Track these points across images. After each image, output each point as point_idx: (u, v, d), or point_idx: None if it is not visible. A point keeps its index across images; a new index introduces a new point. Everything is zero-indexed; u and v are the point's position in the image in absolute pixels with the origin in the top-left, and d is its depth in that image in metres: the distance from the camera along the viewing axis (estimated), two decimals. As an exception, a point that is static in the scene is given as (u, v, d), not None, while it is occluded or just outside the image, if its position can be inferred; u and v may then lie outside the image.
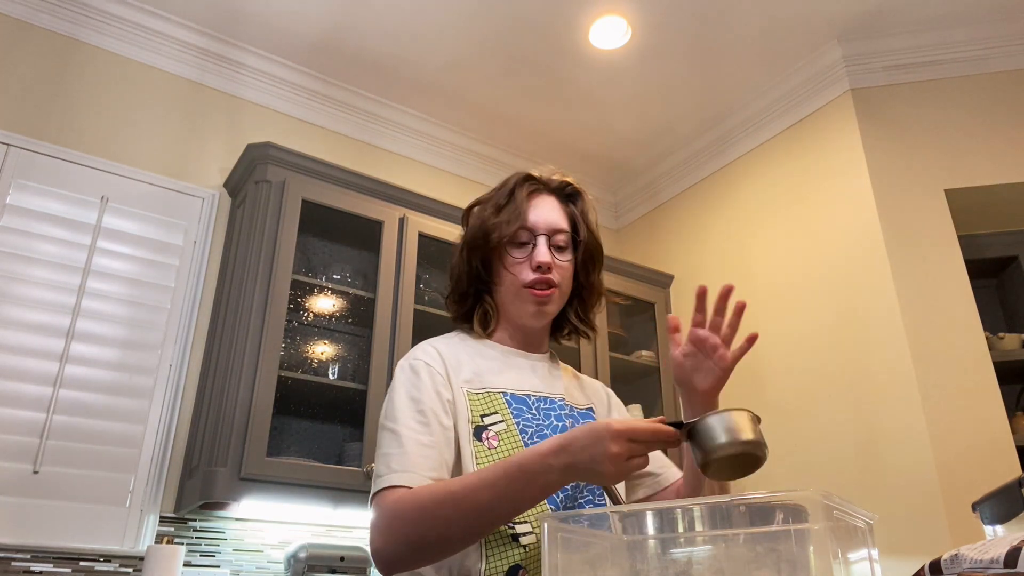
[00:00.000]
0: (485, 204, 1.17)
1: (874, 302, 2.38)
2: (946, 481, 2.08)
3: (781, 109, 2.86)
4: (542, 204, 1.15)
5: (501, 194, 1.15)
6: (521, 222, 1.11)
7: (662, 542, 0.68)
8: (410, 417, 1.01)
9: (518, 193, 1.14)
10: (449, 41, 2.67)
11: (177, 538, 2.10)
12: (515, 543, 0.96)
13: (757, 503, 0.63)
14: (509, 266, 1.12)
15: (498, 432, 1.03)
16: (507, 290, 1.13)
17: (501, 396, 1.07)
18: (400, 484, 0.94)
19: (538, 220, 1.12)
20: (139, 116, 2.48)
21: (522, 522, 0.97)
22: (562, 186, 1.20)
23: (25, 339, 2.05)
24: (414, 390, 1.04)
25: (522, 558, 0.95)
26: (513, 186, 1.15)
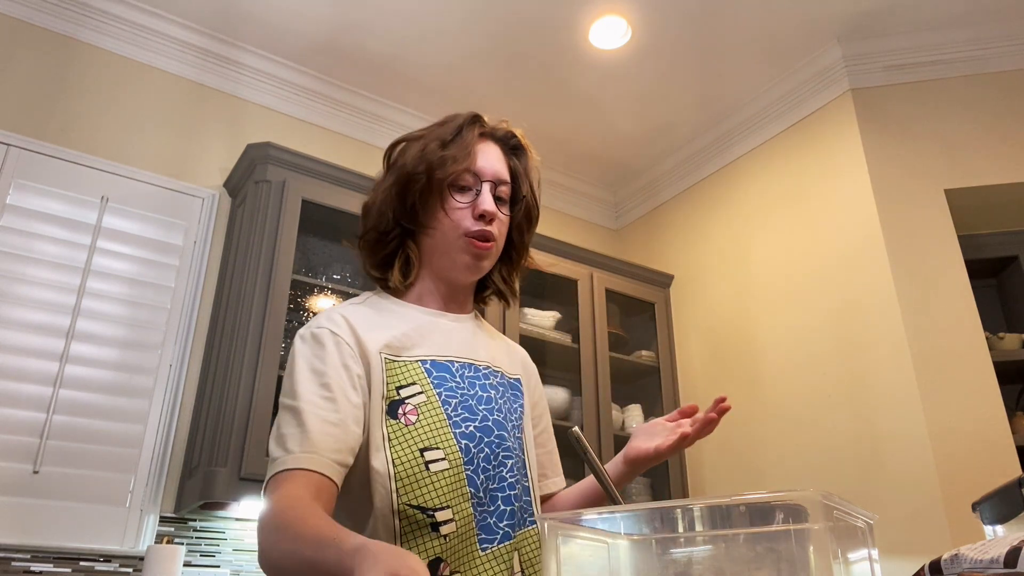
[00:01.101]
0: (424, 139, 1.04)
1: (874, 302, 2.38)
2: (946, 481, 2.08)
3: (781, 109, 2.86)
4: (488, 151, 1.05)
5: (446, 130, 1.03)
6: (468, 163, 1.01)
7: (662, 542, 0.68)
8: (313, 392, 0.90)
9: (467, 133, 1.03)
10: (449, 41, 2.67)
11: (177, 538, 2.10)
12: (434, 533, 0.87)
13: (757, 503, 0.63)
14: (449, 210, 1.00)
15: (416, 405, 0.93)
16: (441, 237, 1.01)
17: (419, 365, 0.97)
18: (300, 467, 0.84)
19: (485, 166, 1.02)
20: (139, 116, 2.48)
21: (442, 508, 0.88)
22: (508, 136, 1.10)
23: (25, 339, 2.05)
24: (317, 361, 0.92)
25: (442, 550, 0.87)
26: (462, 124, 1.04)
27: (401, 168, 1.02)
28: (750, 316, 2.81)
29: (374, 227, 1.04)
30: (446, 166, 0.99)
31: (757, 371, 2.72)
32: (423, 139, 1.04)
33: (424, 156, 1.00)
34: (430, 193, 1.00)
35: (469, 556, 0.90)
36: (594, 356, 2.76)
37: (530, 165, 1.10)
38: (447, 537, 0.88)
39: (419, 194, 1.00)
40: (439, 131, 1.04)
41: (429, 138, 1.03)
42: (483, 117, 1.08)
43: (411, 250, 1.04)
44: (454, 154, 1.00)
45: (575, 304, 2.84)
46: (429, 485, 0.89)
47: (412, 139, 1.06)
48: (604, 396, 2.71)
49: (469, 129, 1.04)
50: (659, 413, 2.91)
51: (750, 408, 2.72)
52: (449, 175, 0.99)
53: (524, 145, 1.11)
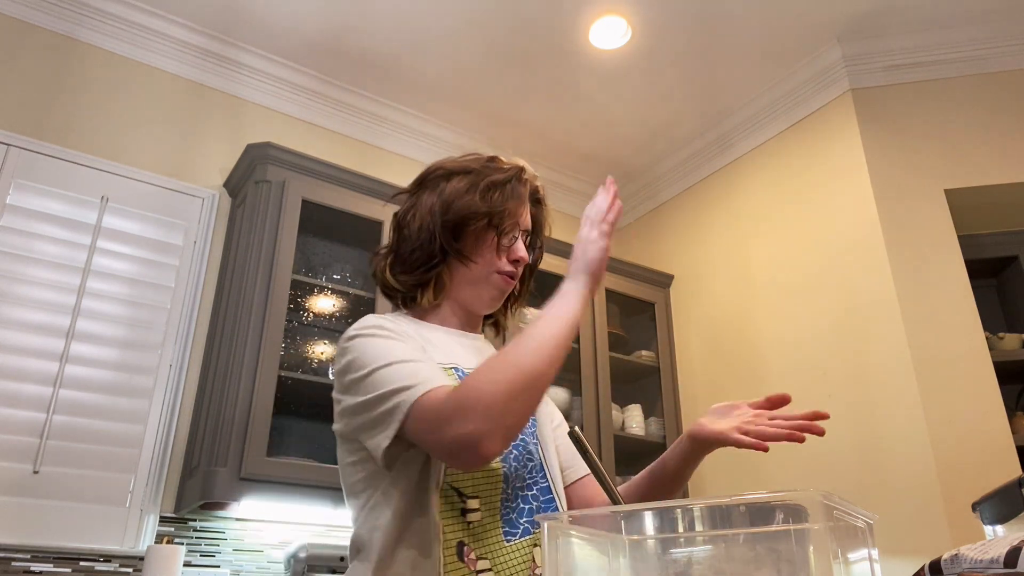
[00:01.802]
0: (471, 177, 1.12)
1: (874, 302, 2.38)
2: (946, 481, 2.08)
3: (781, 109, 2.86)
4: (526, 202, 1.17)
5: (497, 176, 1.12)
6: (517, 219, 1.13)
7: (662, 542, 0.68)
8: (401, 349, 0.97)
9: (519, 188, 1.13)
10: (449, 41, 2.67)
11: (177, 538, 2.10)
12: (462, 517, 0.95)
13: (757, 503, 0.63)
14: (487, 249, 1.11)
15: None
16: (477, 270, 1.11)
17: (453, 371, 1.05)
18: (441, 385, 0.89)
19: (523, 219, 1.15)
20: (139, 116, 2.48)
21: (473, 496, 0.96)
22: (535, 191, 1.20)
23: (25, 339, 2.05)
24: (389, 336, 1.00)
25: (466, 534, 0.94)
26: (512, 177, 1.13)
27: (453, 201, 1.10)
28: (750, 316, 2.81)
29: (420, 249, 1.10)
30: (504, 218, 1.10)
31: (757, 371, 2.72)
32: (472, 175, 1.12)
33: (487, 200, 1.09)
34: (482, 233, 1.11)
35: (496, 545, 0.96)
36: (594, 356, 2.76)
37: (547, 217, 1.21)
38: (472, 524, 0.95)
39: (473, 233, 1.10)
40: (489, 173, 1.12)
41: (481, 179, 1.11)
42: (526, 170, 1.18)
43: (444, 275, 1.12)
44: (512, 208, 1.11)
45: (575, 304, 2.83)
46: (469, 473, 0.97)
47: (458, 172, 1.13)
48: (604, 396, 2.71)
49: (520, 184, 1.14)
50: (659, 413, 2.91)
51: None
52: (507, 224, 1.11)
53: (544, 199, 1.22)
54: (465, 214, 1.09)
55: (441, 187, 1.12)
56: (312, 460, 2.13)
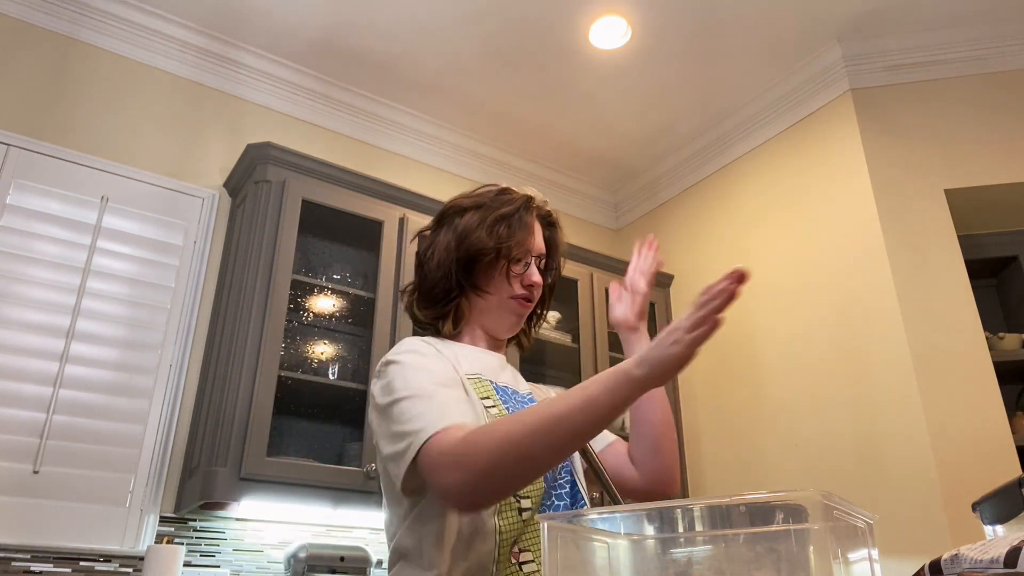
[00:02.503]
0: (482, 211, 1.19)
1: (874, 302, 2.38)
2: (946, 481, 2.08)
3: (781, 109, 2.86)
4: (536, 229, 1.23)
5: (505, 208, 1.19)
6: (528, 247, 1.19)
7: (662, 542, 0.68)
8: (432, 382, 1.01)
9: (526, 216, 1.20)
10: (449, 41, 2.67)
11: (177, 538, 2.10)
12: (520, 516, 1.00)
13: (757, 503, 0.63)
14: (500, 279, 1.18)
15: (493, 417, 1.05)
16: (494, 299, 1.18)
17: (489, 384, 1.11)
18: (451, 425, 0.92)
19: (534, 244, 1.21)
20: (139, 116, 2.48)
21: (525, 497, 1.01)
22: (547, 216, 1.27)
23: (25, 339, 2.05)
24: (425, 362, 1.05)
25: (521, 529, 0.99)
26: (521, 207, 1.20)
27: (465, 237, 1.17)
28: (750, 316, 2.81)
29: (439, 284, 1.18)
30: (512, 250, 1.17)
31: (757, 371, 2.72)
32: (483, 210, 1.19)
33: (494, 235, 1.16)
34: (493, 263, 1.17)
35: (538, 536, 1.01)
36: (594, 356, 2.76)
37: (561, 239, 1.28)
38: (526, 521, 1.00)
39: (484, 267, 1.17)
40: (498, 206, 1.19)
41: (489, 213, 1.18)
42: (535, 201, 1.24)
43: (464, 306, 1.19)
44: (520, 239, 1.17)
45: (575, 304, 2.84)
46: None
47: (470, 207, 1.20)
48: (604, 396, 2.70)
49: (528, 213, 1.20)
50: (659, 413, 2.90)
51: (750, 408, 2.72)
52: (515, 256, 1.18)
53: (557, 221, 1.28)
54: (475, 250, 1.16)
55: (455, 223, 1.20)
56: (312, 460, 2.13)
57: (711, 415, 2.89)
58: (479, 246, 1.16)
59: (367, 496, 2.10)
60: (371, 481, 2.09)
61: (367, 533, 2.42)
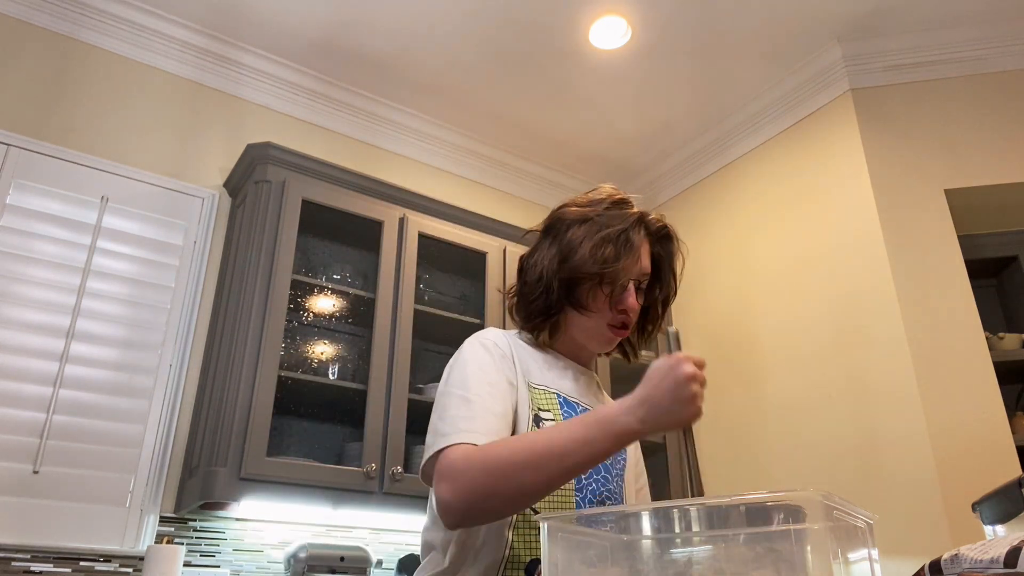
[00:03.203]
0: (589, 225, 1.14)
1: (874, 302, 2.38)
2: (946, 481, 2.08)
3: (781, 109, 2.86)
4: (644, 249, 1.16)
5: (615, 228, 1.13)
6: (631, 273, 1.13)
7: (661, 542, 0.68)
8: (481, 386, 1.03)
9: (635, 238, 1.13)
10: (449, 41, 2.67)
11: (177, 538, 2.10)
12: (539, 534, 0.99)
13: (756, 503, 0.63)
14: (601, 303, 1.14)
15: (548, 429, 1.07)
16: (590, 320, 1.15)
17: (556, 396, 1.12)
18: (467, 442, 0.95)
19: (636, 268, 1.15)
20: (139, 116, 2.48)
21: None
22: (659, 231, 1.20)
23: (25, 339, 2.05)
24: (487, 364, 1.07)
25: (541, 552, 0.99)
26: (630, 227, 1.14)
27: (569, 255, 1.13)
28: (750, 316, 2.81)
29: (539, 299, 1.16)
30: (618, 276, 1.11)
31: (757, 371, 2.72)
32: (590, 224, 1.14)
33: (598, 259, 1.11)
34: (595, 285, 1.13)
35: None
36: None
37: (675, 252, 1.21)
38: None
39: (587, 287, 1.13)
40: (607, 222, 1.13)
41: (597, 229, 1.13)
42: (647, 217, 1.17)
43: (562, 319, 1.17)
44: (625, 266, 1.12)
45: (575, 304, 2.83)
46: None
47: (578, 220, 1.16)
48: (604, 396, 2.71)
49: (637, 234, 1.14)
50: (659, 413, 2.91)
51: (750, 408, 2.72)
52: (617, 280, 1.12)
53: (672, 235, 1.21)
54: (578, 274, 1.12)
55: (561, 237, 1.16)
56: (312, 460, 2.13)
57: (711, 416, 2.89)
58: (583, 270, 1.12)
59: (367, 496, 2.09)
60: (371, 481, 2.09)
61: (367, 533, 2.42)
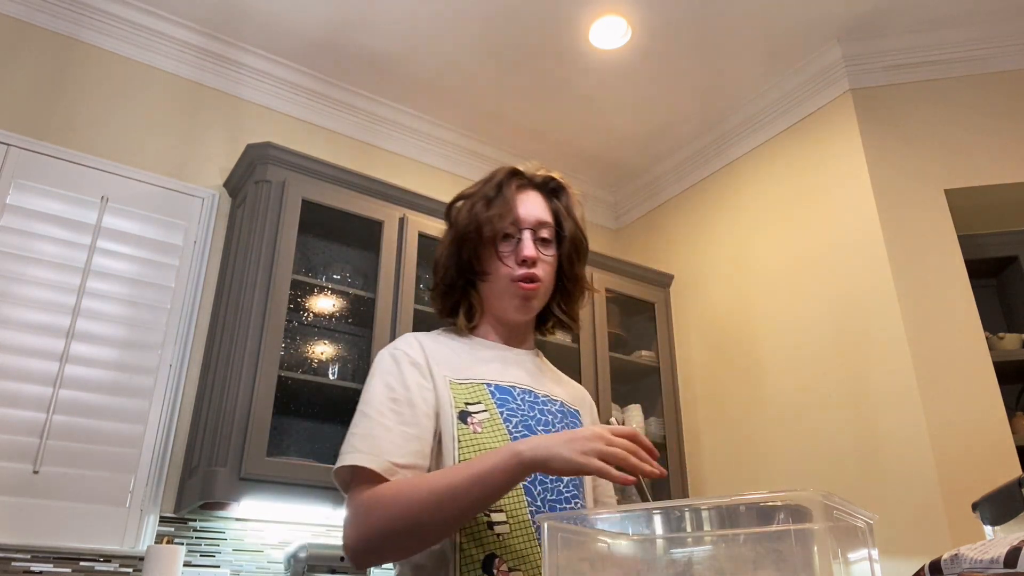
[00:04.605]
0: (472, 198, 1.17)
1: (874, 302, 2.38)
2: (946, 481, 2.08)
3: (781, 109, 2.86)
4: (528, 199, 1.17)
5: (489, 188, 1.16)
6: (511, 217, 1.13)
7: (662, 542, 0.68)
8: (383, 404, 1.01)
9: (506, 188, 1.15)
10: (449, 41, 2.67)
11: (177, 538, 2.10)
12: (490, 530, 0.97)
13: (757, 503, 0.63)
14: (493, 261, 1.14)
15: (481, 420, 1.04)
16: (494, 284, 1.14)
17: (484, 387, 1.09)
18: (360, 465, 0.95)
19: (524, 215, 1.15)
20: (139, 116, 2.48)
21: (497, 510, 0.98)
22: (546, 181, 1.21)
23: (25, 339, 2.05)
24: (391, 378, 1.05)
25: (497, 546, 0.97)
26: (500, 181, 1.16)
27: (457, 227, 1.16)
28: (750, 316, 2.81)
29: (442, 280, 1.18)
30: (493, 223, 1.12)
31: (757, 371, 2.72)
32: (473, 197, 1.17)
33: (473, 216, 1.13)
34: (482, 247, 1.13)
35: (530, 553, 0.98)
36: (594, 356, 2.76)
37: (572, 202, 1.21)
38: (501, 536, 0.97)
39: (473, 250, 1.14)
40: (484, 189, 1.16)
41: (477, 197, 1.16)
42: (520, 169, 1.19)
43: (473, 297, 1.18)
44: (498, 211, 1.12)
45: (575, 304, 2.83)
46: None
47: (465, 197, 1.19)
48: (604, 396, 2.71)
49: (508, 185, 1.16)
50: (659, 413, 2.91)
51: (750, 408, 2.72)
52: (495, 232, 1.12)
53: (563, 185, 1.21)
54: (461, 237, 1.14)
55: (454, 218, 1.19)
56: (312, 460, 2.13)
57: (711, 415, 2.89)
58: (464, 230, 1.14)
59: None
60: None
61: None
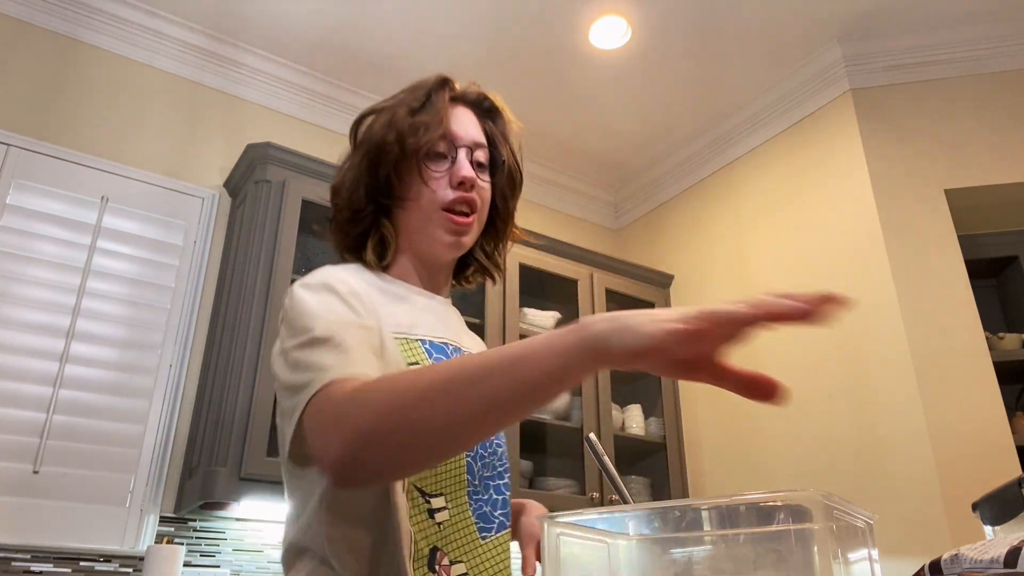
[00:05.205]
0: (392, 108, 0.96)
1: (874, 302, 2.38)
2: (946, 481, 2.08)
3: (781, 109, 2.86)
4: (461, 116, 0.98)
5: (414, 97, 0.96)
6: (441, 129, 0.93)
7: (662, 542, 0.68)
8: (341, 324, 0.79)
9: (437, 98, 0.96)
10: (449, 41, 2.67)
11: (177, 538, 2.10)
12: (431, 519, 0.83)
13: (757, 503, 0.63)
14: (427, 180, 0.92)
15: None
16: (418, 211, 0.93)
17: (420, 344, 0.89)
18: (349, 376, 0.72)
19: (459, 131, 0.95)
20: (139, 116, 2.48)
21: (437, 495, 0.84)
22: (480, 99, 1.03)
23: (25, 339, 2.05)
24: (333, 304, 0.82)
25: (439, 537, 0.83)
26: (430, 89, 0.97)
27: (371, 140, 0.94)
28: (750, 316, 2.81)
29: (346, 206, 0.95)
30: (418, 134, 0.92)
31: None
32: (391, 108, 0.96)
33: (394, 124, 0.93)
34: (404, 163, 0.93)
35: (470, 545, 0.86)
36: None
37: (508, 128, 1.03)
38: (442, 525, 0.84)
39: (393, 166, 0.92)
40: (407, 98, 0.97)
41: (397, 106, 0.96)
42: (452, 80, 1.01)
43: (385, 228, 0.96)
44: (426, 120, 0.93)
45: (575, 304, 2.83)
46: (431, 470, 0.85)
47: (379, 110, 0.98)
48: (604, 396, 2.71)
49: (439, 94, 0.97)
50: (659, 413, 2.91)
51: (750, 407, 2.72)
52: (422, 143, 0.92)
53: (499, 107, 1.04)
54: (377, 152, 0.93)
55: (364, 134, 0.97)
56: (312, 460, 2.13)
57: (711, 415, 2.89)
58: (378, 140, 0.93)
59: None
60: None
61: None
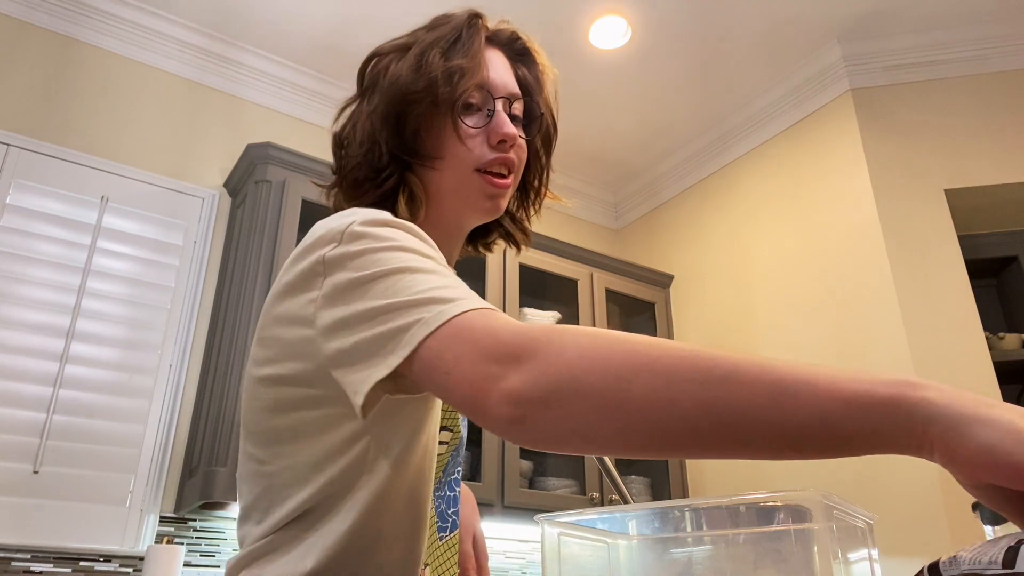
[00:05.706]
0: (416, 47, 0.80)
1: (874, 302, 2.38)
2: (946, 481, 2.08)
3: (781, 109, 2.86)
4: (495, 59, 0.82)
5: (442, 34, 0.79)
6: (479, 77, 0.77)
7: (662, 542, 0.68)
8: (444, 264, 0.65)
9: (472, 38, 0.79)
10: (449, 41, 2.67)
11: (177, 538, 2.10)
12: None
13: (757, 503, 0.63)
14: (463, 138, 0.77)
15: None
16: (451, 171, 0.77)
17: None
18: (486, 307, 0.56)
19: (496, 79, 0.79)
20: (139, 116, 2.48)
21: None
22: (512, 38, 0.87)
23: (25, 339, 2.05)
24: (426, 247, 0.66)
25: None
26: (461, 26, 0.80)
27: (393, 86, 0.77)
28: (750, 316, 2.81)
29: (364, 163, 0.78)
30: (454, 82, 0.75)
31: None
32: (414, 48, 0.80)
33: (425, 70, 0.76)
34: (435, 116, 0.76)
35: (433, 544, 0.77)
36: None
37: (543, 75, 0.89)
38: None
39: (421, 120, 0.76)
40: (432, 36, 0.80)
41: (422, 45, 0.79)
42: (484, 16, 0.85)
43: (416, 186, 0.78)
44: (462, 65, 0.76)
45: (575, 304, 2.83)
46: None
47: (397, 49, 0.82)
48: (604, 396, 2.71)
49: (473, 32, 0.80)
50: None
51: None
52: (458, 94, 0.76)
53: (533, 50, 0.88)
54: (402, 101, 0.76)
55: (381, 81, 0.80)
56: (312, 460, 2.13)
57: (711, 415, 2.88)
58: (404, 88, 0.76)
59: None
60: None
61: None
